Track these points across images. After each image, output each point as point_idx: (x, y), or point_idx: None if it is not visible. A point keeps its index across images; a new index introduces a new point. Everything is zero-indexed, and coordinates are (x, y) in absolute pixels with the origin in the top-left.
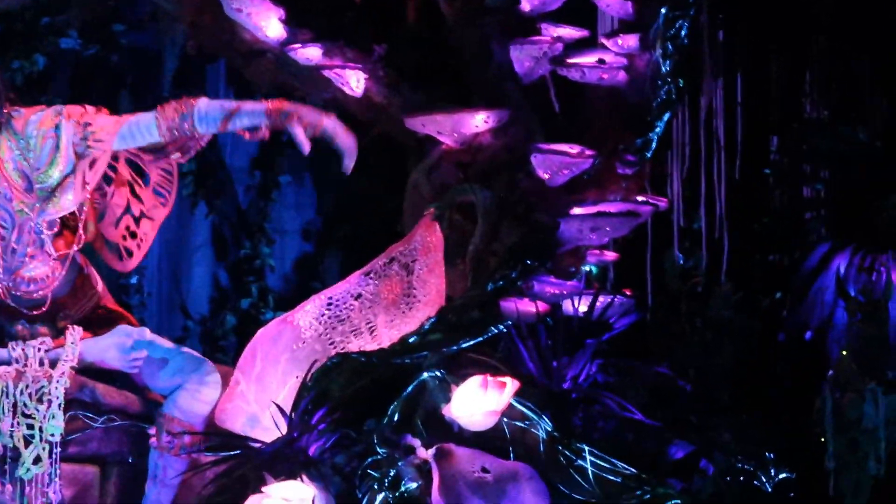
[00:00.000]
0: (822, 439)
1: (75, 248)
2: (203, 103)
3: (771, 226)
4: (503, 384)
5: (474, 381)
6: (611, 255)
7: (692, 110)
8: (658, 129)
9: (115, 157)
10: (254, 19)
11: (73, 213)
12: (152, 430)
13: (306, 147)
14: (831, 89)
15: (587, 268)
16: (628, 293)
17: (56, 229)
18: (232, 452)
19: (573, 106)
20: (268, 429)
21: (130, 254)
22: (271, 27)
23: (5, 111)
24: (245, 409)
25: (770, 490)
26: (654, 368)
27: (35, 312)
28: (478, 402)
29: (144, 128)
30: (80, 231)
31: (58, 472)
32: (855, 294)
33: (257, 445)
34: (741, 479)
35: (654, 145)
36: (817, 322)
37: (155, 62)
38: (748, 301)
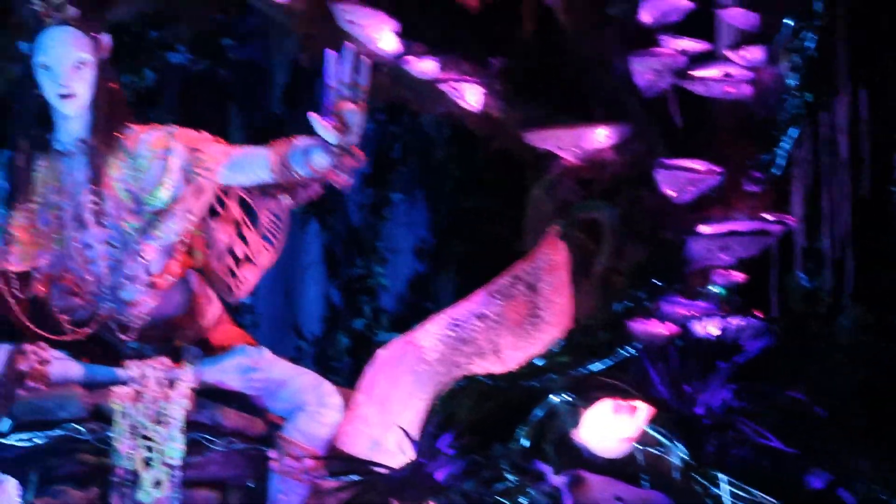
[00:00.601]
0: None
1: (168, 277)
2: (300, 140)
3: None
4: (636, 409)
5: (606, 406)
6: (738, 276)
7: (813, 124)
8: (785, 145)
9: (225, 192)
10: (367, 31)
11: (181, 240)
12: (273, 454)
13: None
14: None
15: (715, 289)
16: (759, 315)
17: (155, 256)
18: (357, 477)
19: (695, 121)
20: (391, 453)
21: (231, 291)
22: (385, 39)
23: (121, 128)
24: (367, 433)
25: None
26: (789, 393)
27: (150, 333)
28: (610, 427)
29: (255, 162)
30: (183, 258)
31: (178, 496)
32: None
33: (383, 471)
34: None
35: (781, 162)
36: None
37: (264, 76)
38: (880, 322)
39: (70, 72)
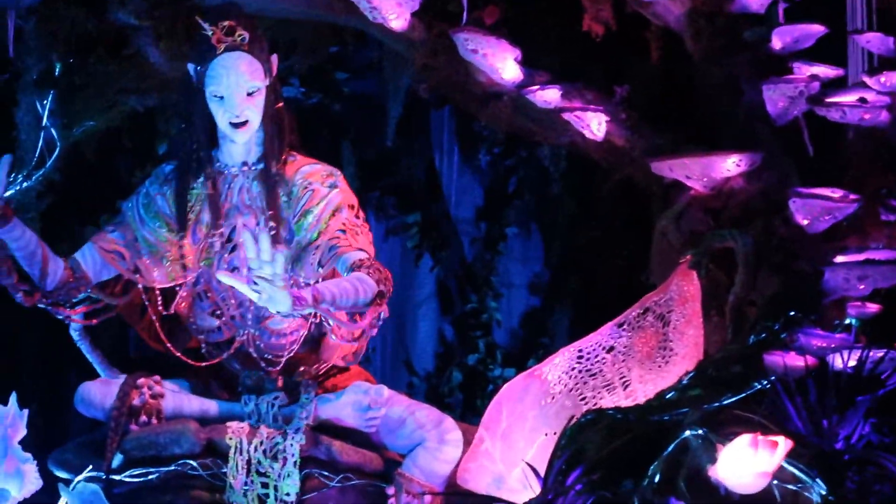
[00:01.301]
0: None
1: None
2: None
3: None
4: (775, 443)
5: (743, 440)
6: (873, 307)
7: None
8: None
9: None
10: (490, 60)
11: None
12: (391, 491)
13: None
14: None
15: (849, 321)
16: None
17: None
18: None
19: (827, 149)
20: (515, 490)
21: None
22: (508, 69)
23: (284, 155)
24: (491, 469)
25: None
26: None
27: (273, 367)
28: (747, 462)
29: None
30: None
31: None
32: None
33: None
34: None
35: None
36: None
37: (378, 110)
38: None
39: (243, 101)
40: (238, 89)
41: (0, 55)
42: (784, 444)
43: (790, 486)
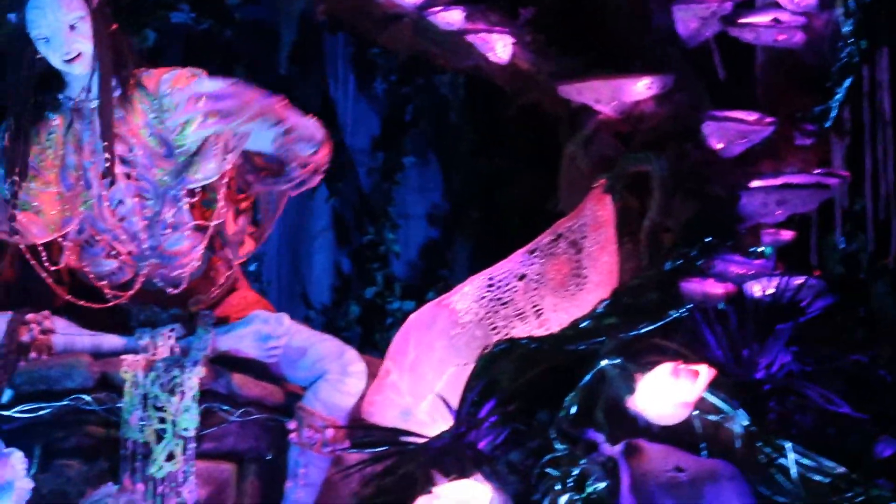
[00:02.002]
0: None
1: (215, 221)
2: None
3: None
4: (697, 372)
5: (664, 369)
6: (787, 234)
7: (858, 76)
8: (839, 96)
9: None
10: None
11: (211, 185)
12: (292, 425)
13: None
14: None
15: (762, 248)
16: (818, 274)
17: (196, 198)
18: (386, 448)
19: (738, 72)
20: (423, 423)
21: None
22: None
23: (134, 72)
24: (397, 402)
25: None
26: (852, 357)
27: (169, 293)
28: (668, 392)
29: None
30: (221, 201)
31: (192, 469)
32: None
33: (419, 440)
34: None
35: (833, 113)
36: None
37: (271, 36)
38: None
39: (68, 36)
40: (60, 25)
41: None
42: (706, 372)
43: (711, 417)
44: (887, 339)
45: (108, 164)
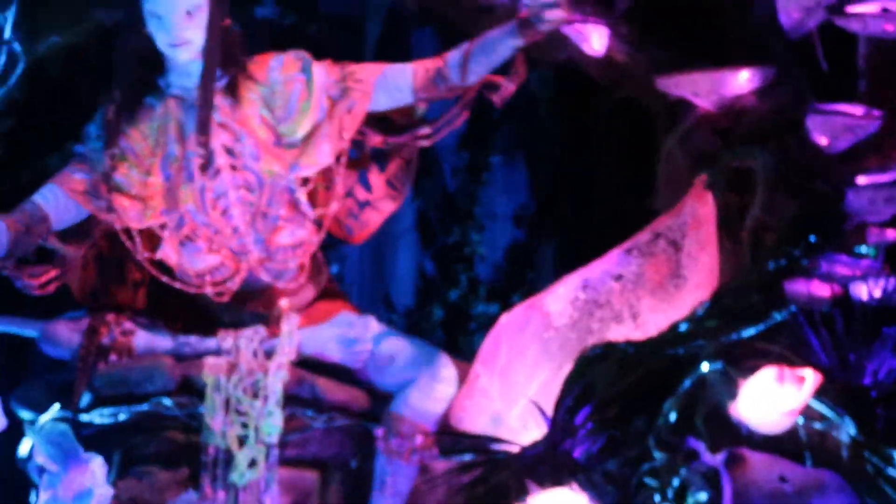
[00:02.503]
0: None
1: (333, 206)
2: (452, 52)
3: None
4: (802, 378)
5: (768, 374)
6: (893, 234)
7: None
8: None
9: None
10: None
11: (326, 170)
12: (380, 433)
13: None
14: None
15: (865, 248)
16: None
17: (311, 186)
18: (481, 457)
19: (842, 64)
20: (514, 430)
21: (352, 232)
22: None
23: (242, 59)
24: (487, 407)
25: None
26: None
27: (250, 299)
28: (772, 398)
29: (400, 77)
30: (338, 187)
31: (275, 477)
32: None
33: (512, 448)
34: None
35: None
36: None
37: (357, 31)
38: None
39: (182, 20)
40: (177, 7)
41: None
42: (812, 378)
43: (817, 425)
44: None
45: (204, 157)
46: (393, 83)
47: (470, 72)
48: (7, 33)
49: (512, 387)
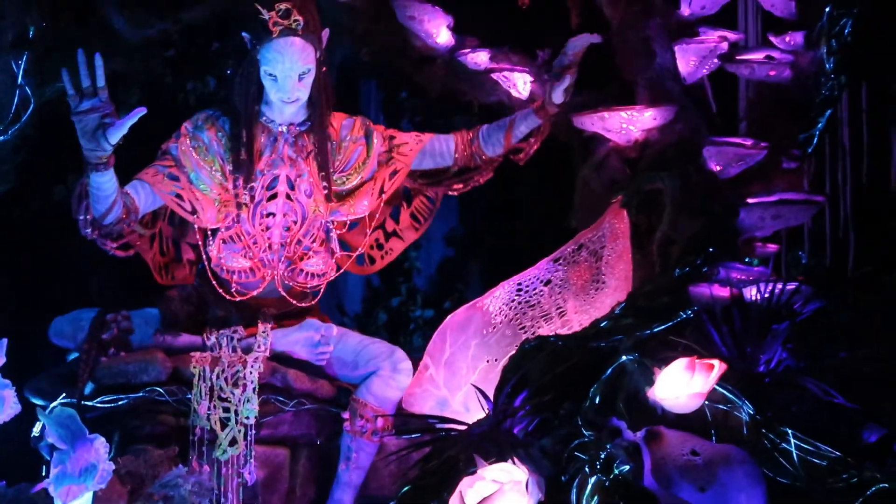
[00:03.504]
0: None
1: (361, 249)
2: (484, 127)
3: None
4: (711, 366)
5: (680, 363)
6: (773, 247)
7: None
8: (820, 125)
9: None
10: (425, 26)
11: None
12: (346, 415)
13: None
14: None
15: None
16: (809, 281)
17: (343, 230)
18: (432, 435)
19: (728, 106)
20: (457, 412)
21: (373, 262)
22: (441, 34)
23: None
24: (434, 393)
25: None
26: (840, 354)
27: (302, 301)
28: (684, 384)
29: (443, 147)
30: (368, 232)
31: (252, 453)
32: None
33: (458, 428)
34: None
35: (815, 140)
36: None
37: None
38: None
39: (295, 84)
40: (291, 73)
41: None
42: (718, 367)
43: (721, 407)
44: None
45: (325, 188)
46: (438, 151)
47: (503, 147)
48: (19, 79)
49: (456, 375)
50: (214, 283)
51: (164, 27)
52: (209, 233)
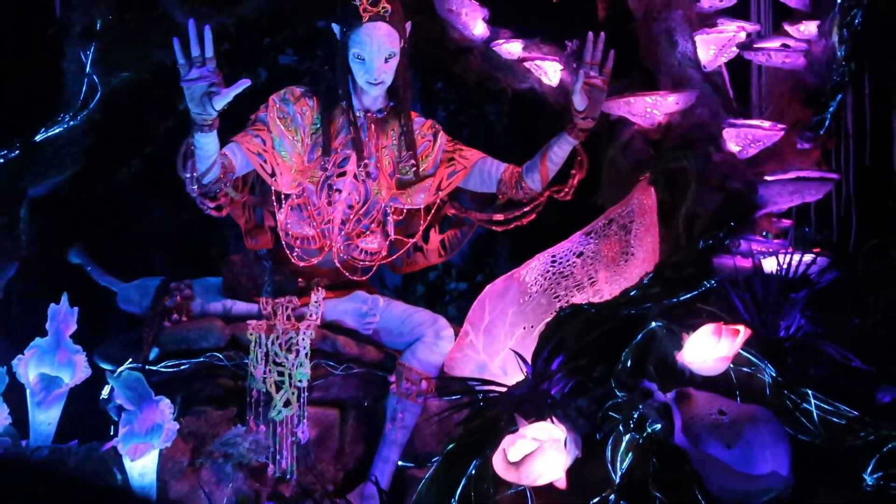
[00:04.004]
0: None
1: (413, 241)
2: (527, 163)
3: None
4: (736, 332)
5: (708, 329)
6: (787, 223)
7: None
8: (831, 109)
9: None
10: (463, 19)
11: (415, 212)
12: (392, 379)
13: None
14: None
15: (765, 234)
16: (827, 252)
17: (401, 217)
18: (476, 396)
19: (742, 92)
20: (495, 376)
21: (400, 265)
22: (477, 26)
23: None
24: (474, 358)
25: None
26: (854, 321)
27: (354, 275)
28: (711, 348)
29: (493, 168)
30: (422, 226)
31: (304, 414)
32: None
33: (501, 390)
34: None
35: (827, 123)
36: None
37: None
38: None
39: (381, 65)
40: (378, 55)
41: (49, 13)
42: (744, 332)
43: (745, 369)
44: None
45: (414, 168)
46: (487, 171)
47: (539, 174)
48: (87, 68)
49: (494, 341)
50: (284, 245)
51: (221, 21)
52: (282, 198)
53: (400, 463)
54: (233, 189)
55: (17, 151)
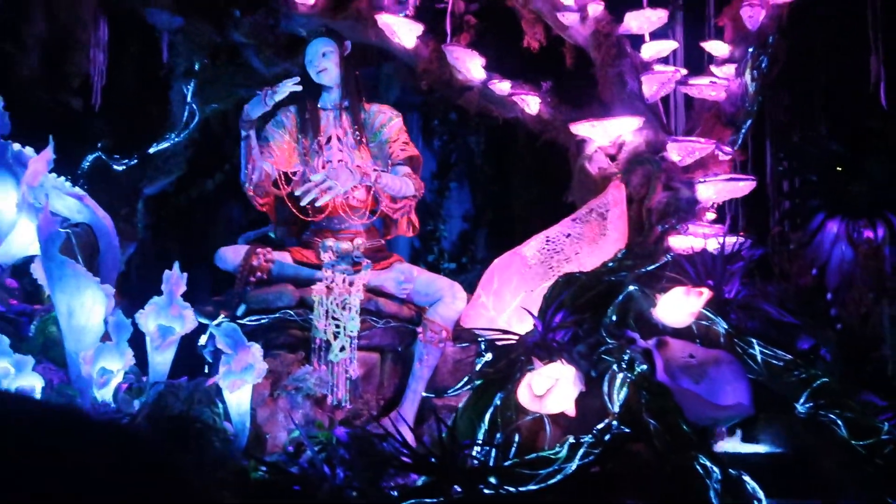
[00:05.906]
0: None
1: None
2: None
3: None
4: (701, 293)
5: (679, 290)
6: (713, 214)
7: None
8: (744, 130)
9: None
10: (465, 65)
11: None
12: (419, 329)
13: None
14: (822, 114)
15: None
16: (751, 235)
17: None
18: (493, 343)
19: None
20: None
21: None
22: (476, 70)
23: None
24: (485, 315)
25: None
26: (769, 288)
27: (343, 235)
28: (681, 305)
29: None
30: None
31: (354, 357)
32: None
33: (509, 338)
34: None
35: (740, 141)
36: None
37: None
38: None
39: (320, 58)
40: (316, 52)
41: (159, 58)
42: (706, 293)
43: (703, 322)
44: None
45: (358, 135)
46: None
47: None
48: (188, 99)
49: (501, 302)
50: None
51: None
52: (289, 176)
53: (424, 393)
54: (273, 186)
55: (136, 160)
